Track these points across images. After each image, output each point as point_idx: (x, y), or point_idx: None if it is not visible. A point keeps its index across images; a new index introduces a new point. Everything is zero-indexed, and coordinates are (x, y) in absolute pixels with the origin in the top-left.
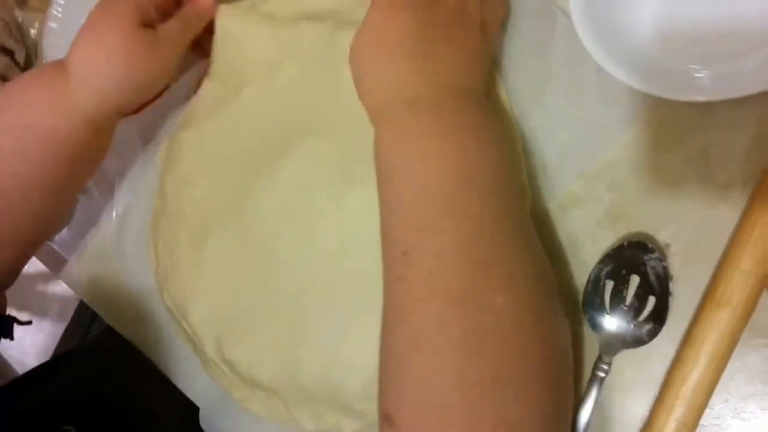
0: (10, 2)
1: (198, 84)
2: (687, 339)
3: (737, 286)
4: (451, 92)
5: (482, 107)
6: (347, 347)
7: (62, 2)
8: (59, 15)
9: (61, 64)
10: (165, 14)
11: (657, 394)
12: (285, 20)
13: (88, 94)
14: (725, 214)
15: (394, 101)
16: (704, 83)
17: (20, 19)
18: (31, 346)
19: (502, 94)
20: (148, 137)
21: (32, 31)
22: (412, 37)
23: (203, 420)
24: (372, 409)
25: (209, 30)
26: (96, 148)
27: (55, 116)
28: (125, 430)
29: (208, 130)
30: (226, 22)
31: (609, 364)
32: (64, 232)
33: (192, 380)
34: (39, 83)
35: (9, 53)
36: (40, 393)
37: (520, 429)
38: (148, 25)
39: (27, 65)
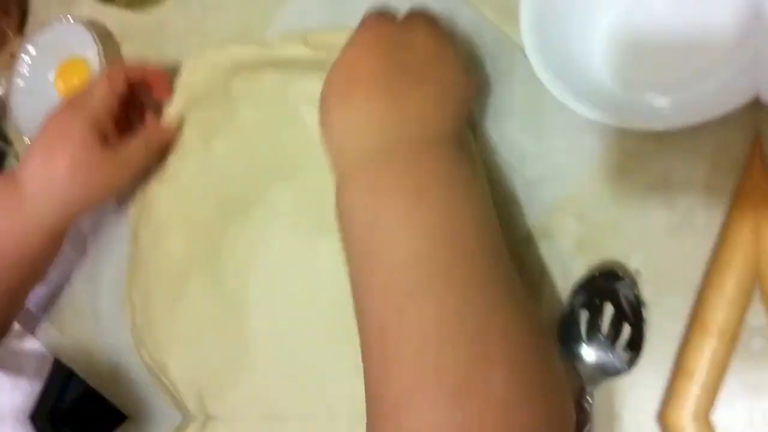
0: None
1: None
2: (678, 369)
3: (722, 311)
4: (425, 140)
5: (460, 154)
6: (329, 389)
7: (28, 60)
8: (26, 73)
9: (12, 174)
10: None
11: (652, 419)
12: (248, 66)
13: (42, 206)
14: (691, 239)
15: (364, 151)
16: (663, 110)
17: None
18: (7, 405)
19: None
20: (120, 192)
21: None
22: (384, 78)
23: None
24: None
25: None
26: (49, 253)
27: (8, 225)
28: None
29: (181, 182)
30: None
31: (592, 396)
32: (40, 290)
33: None
34: None
35: None
36: None
37: None
38: (104, 138)
39: None
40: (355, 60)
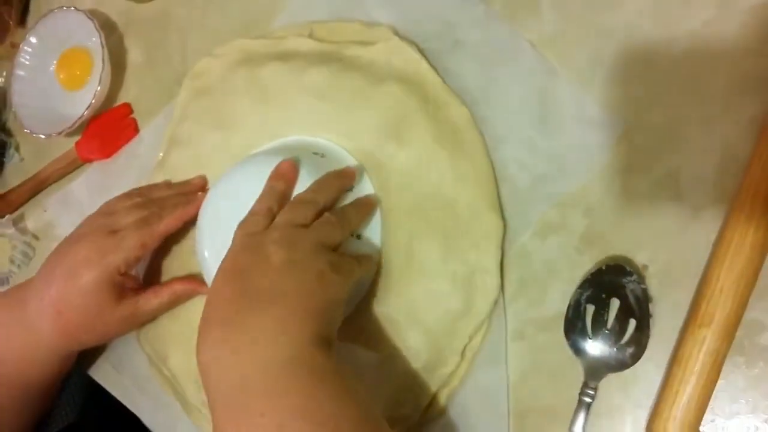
0: None
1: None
2: (673, 360)
3: (717, 304)
4: (276, 365)
5: (323, 371)
6: None
7: (29, 50)
8: (27, 62)
9: (21, 298)
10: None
11: (647, 417)
12: (257, 58)
13: (51, 342)
14: (699, 234)
15: (224, 386)
16: None
17: None
18: None
19: (466, 121)
20: None
21: (0, 80)
22: (229, 311)
23: None
24: None
25: None
26: (60, 373)
27: (20, 347)
28: None
29: (181, 175)
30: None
31: (595, 389)
32: None
33: (173, 427)
34: (3, 319)
35: None
36: None
37: None
38: (122, 290)
39: None
40: (211, 297)
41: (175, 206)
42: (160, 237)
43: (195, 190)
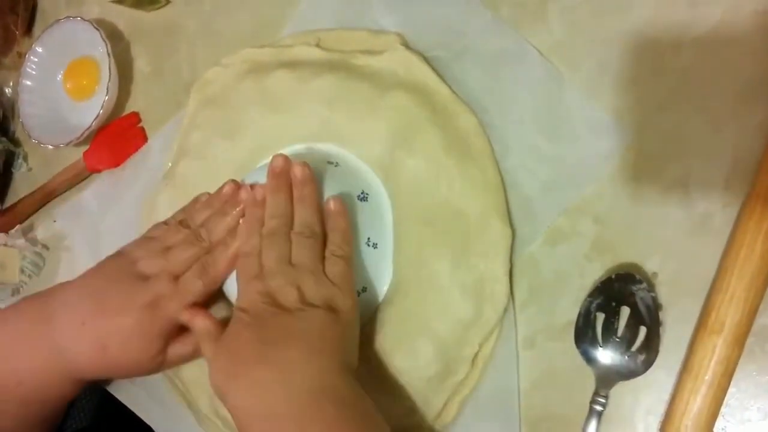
0: None
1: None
2: (684, 368)
3: (728, 312)
4: (304, 395)
5: (347, 398)
6: None
7: (36, 60)
8: (34, 72)
9: (49, 306)
10: None
11: (658, 424)
12: (264, 67)
13: (89, 362)
14: (709, 241)
15: (256, 422)
16: None
17: None
18: None
19: (474, 129)
20: None
21: (7, 90)
22: (257, 347)
23: None
24: None
25: None
26: (76, 392)
27: (43, 368)
28: None
29: (189, 184)
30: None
31: (606, 397)
32: None
33: None
34: (25, 332)
35: None
36: None
37: None
38: (167, 338)
39: (4, 123)
40: (230, 342)
41: (226, 245)
42: (219, 283)
43: (231, 201)
